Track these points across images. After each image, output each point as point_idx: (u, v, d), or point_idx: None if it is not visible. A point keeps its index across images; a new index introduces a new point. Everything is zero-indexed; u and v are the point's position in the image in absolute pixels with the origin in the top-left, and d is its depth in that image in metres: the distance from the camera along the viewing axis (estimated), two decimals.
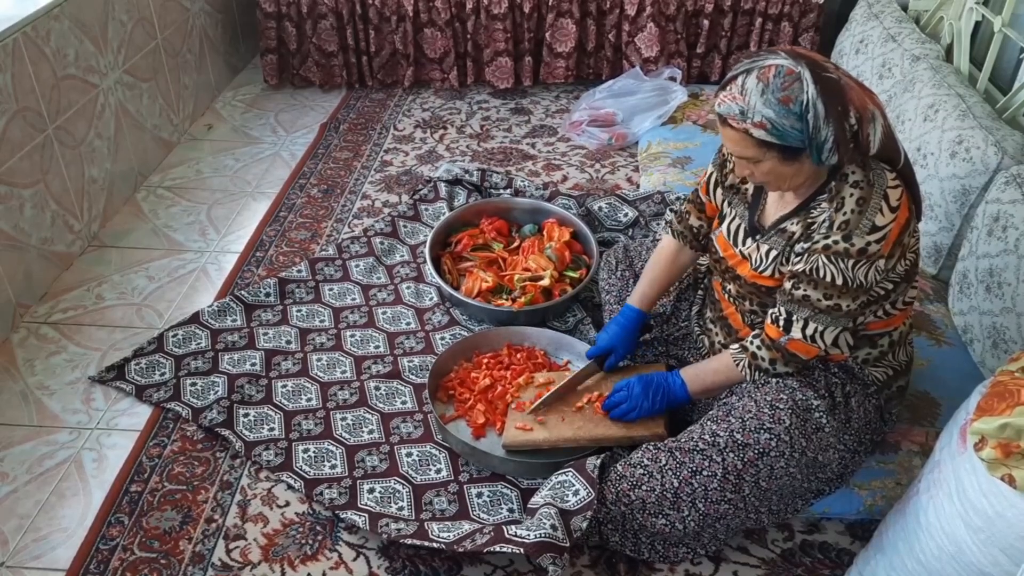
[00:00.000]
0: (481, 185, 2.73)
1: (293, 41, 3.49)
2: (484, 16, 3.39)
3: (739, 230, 1.62)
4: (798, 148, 1.37)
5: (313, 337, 2.16)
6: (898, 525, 1.42)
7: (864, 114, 1.36)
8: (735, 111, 1.36)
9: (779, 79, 1.33)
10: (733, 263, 1.62)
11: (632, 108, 3.17)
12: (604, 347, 1.83)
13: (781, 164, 1.40)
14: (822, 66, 1.34)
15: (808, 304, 1.45)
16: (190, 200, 2.81)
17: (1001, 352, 1.77)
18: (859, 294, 1.42)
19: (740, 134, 1.38)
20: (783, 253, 1.51)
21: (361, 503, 1.71)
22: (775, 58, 1.35)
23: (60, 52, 2.36)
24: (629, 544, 1.59)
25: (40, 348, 2.14)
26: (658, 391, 1.67)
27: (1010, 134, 1.97)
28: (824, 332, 1.46)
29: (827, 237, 1.41)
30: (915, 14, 2.86)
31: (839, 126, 1.33)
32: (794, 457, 1.46)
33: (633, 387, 1.69)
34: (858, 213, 1.39)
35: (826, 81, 1.33)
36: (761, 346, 1.53)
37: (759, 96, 1.33)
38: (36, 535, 1.68)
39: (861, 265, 1.39)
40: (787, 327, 1.48)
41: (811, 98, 1.32)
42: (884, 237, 1.38)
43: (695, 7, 3.39)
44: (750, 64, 1.36)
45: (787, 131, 1.34)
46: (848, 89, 1.35)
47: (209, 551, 1.63)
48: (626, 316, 1.83)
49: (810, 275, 1.43)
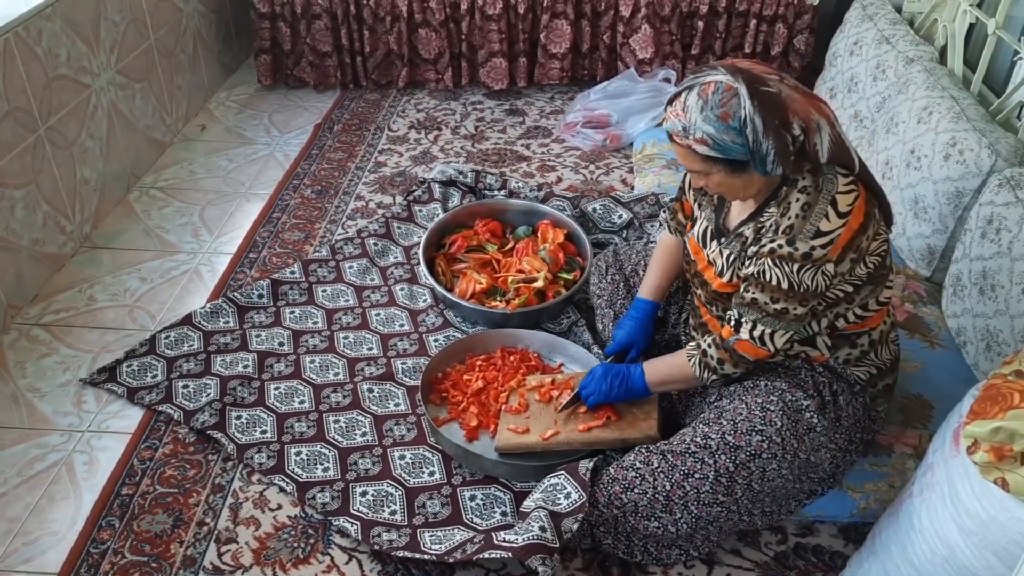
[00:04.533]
0: (475, 186, 2.72)
1: (287, 41, 3.48)
2: (479, 17, 3.39)
3: (706, 232, 1.64)
4: (743, 160, 1.39)
5: (306, 339, 2.15)
6: (891, 528, 1.42)
7: (809, 124, 1.37)
8: (678, 128, 1.40)
9: (717, 95, 1.35)
10: (701, 267, 1.64)
11: (627, 109, 3.17)
12: (623, 343, 1.83)
13: (729, 176, 1.43)
14: (761, 80, 1.36)
15: (756, 307, 1.47)
16: (183, 201, 2.80)
17: (994, 355, 1.77)
18: (807, 298, 1.43)
19: (685, 150, 1.42)
20: (739, 257, 1.53)
21: (354, 507, 1.70)
22: (714, 74, 1.37)
23: (52, 52, 2.35)
24: (622, 547, 1.58)
25: (31, 350, 2.13)
26: (617, 377, 1.70)
27: (1003, 136, 1.97)
28: (773, 335, 1.47)
29: (772, 241, 1.43)
30: (909, 16, 2.87)
31: (779, 138, 1.35)
32: (786, 459, 1.47)
33: (596, 372, 1.73)
34: (802, 218, 1.41)
35: (763, 95, 1.34)
36: (712, 344, 1.55)
37: (699, 113, 1.36)
38: (26, 538, 1.67)
39: (806, 269, 1.40)
40: (736, 327, 1.51)
41: (748, 113, 1.34)
42: (831, 242, 1.39)
43: (690, 9, 3.39)
44: (692, 80, 1.39)
45: (728, 146, 1.37)
46: (790, 101, 1.36)
47: (201, 554, 1.63)
48: (639, 309, 1.83)
49: (758, 278, 1.45)
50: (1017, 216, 1.75)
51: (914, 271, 2.18)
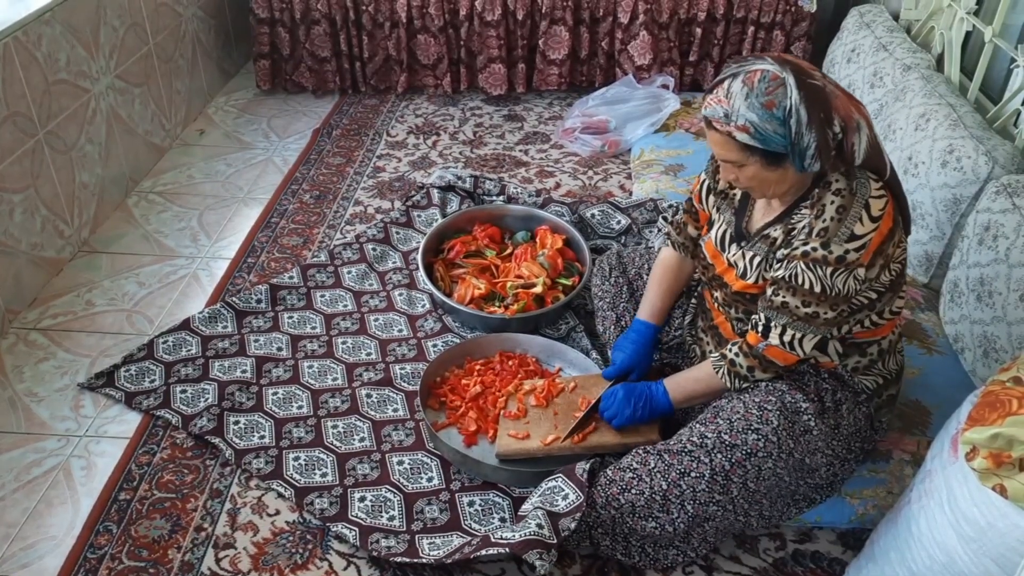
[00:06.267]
0: (474, 192, 2.72)
1: (286, 46, 3.48)
2: (477, 22, 3.39)
3: (726, 236, 1.63)
4: (781, 153, 1.38)
5: (304, 344, 2.15)
6: (890, 534, 1.42)
7: (849, 123, 1.37)
8: (720, 114, 1.38)
9: (763, 84, 1.34)
10: (720, 270, 1.63)
11: (625, 115, 3.17)
12: (623, 368, 1.79)
13: (764, 169, 1.41)
14: (808, 73, 1.35)
15: (787, 311, 1.45)
16: (181, 206, 2.80)
17: (992, 361, 1.78)
18: (838, 302, 1.43)
19: (724, 137, 1.40)
20: (766, 259, 1.52)
21: (352, 513, 1.70)
22: (761, 63, 1.36)
23: (51, 57, 2.35)
24: (620, 548, 1.58)
25: (29, 354, 2.13)
26: (640, 398, 1.67)
27: (1000, 144, 1.98)
28: (803, 339, 1.46)
29: (806, 244, 1.41)
30: (906, 24, 2.88)
31: (821, 133, 1.34)
32: (781, 458, 1.47)
33: (616, 393, 1.70)
34: (837, 221, 1.40)
35: (810, 88, 1.34)
36: (740, 353, 1.54)
37: (743, 100, 1.35)
38: (23, 543, 1.66)
39: (840, 273, 1.40)
40: (765, 333, 1.49)
41: (794, 103, 1.33)
42: (864, 246, 1.39)
43: (688, 15, 3.40)
44: (737, 68, 1.38)
45: (769, 135, 1.35)
46: (833, 97, 1.36)
47: (198, 560, 1.62)
48: (639, 332, 1.80)
49: (789, 281, 1.44)
50: (1014, 223, 1.76)
51: (912, 278, 2.18)
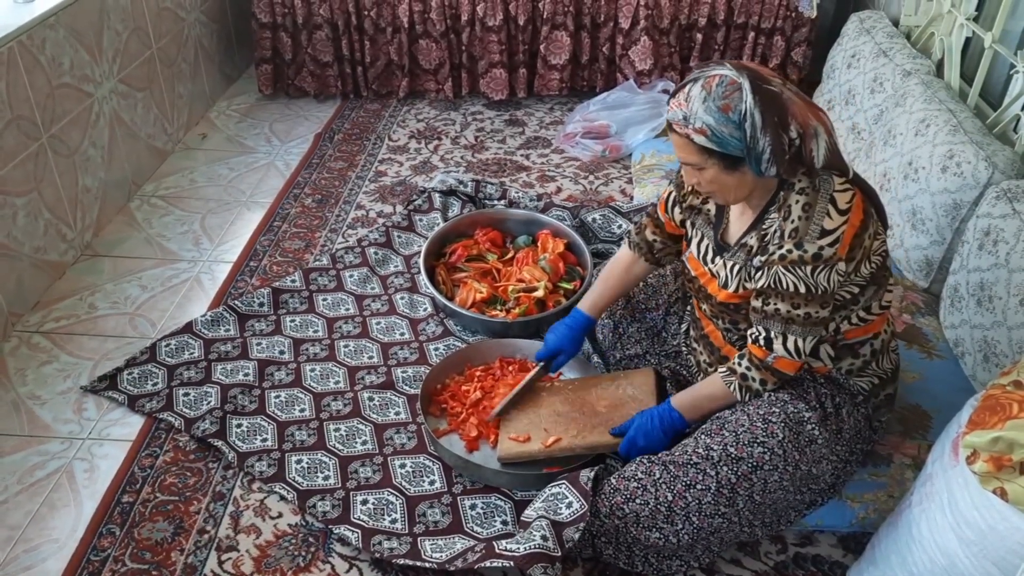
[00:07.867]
0: (475, 196, 2.73)
1: (288, 51, 3.49)
2: (479, 28, 3.41)
3: (708, 249, 1.65)
4: (738, 157, 1.41)
5: (307, 347, 2.16)
6: (890, 538, 1.43)
7: (807, 129, 1.39)
8: (679, 117, 1.42)
9: (721, 88, 1.37)
10: (704, 282, 1.64)
11: (626, 120, 3.18)
12: (553, 349, 1.87)
13: (723, 172, 1.44)
14: (765, 79, 1.38)
15: (780, 318, 1.46)
16: (184, 209, 2.81)
17: (992, 366, 1.78)
18: (826, 299, 1.44)
19: (683, 139, 1.44)
20: (744, 268, 1.54)
21: (354, 516, 1.71)
22: (720, 69, 1.40)
23: (55, 61, 2.36)
24: (623, 557, 1.58)
25: (32, 357, 2.13)
26: (653, 432, 1.63)
27: (1000, 149, 1.99)
28: (804, 343, 1.48)
29: (780, 247, 1.43)
30: (906, 29, 2.89)
31: (776, 137, 1.37)
32: (788, 471, 1.47)
33: (635, 441, 1.65)
34: (805, 219, 1.42)
35: (765, 93, 1.37)
36: (750, 367, 1.54)
37: (701, 103, 1.38)
38: (27, 546, 1.66)
39: (820, 270, 1.41)
40: (768, 345, 1.49)
41: (749, 107, 1.36)
42: (837, 240, 1.40)
43: (688, 20, 3.41)
44: (698, 74, 1.42)
45: (726, 138, 1.39)
46: (790, 103, 1.38)
47: (201, 562, 1.63)
48: (575, 319, 1.87)
49: (775, 287, 1.45)
50: (1014, 228, 1.77)
51: (912, 282, 2.19)
